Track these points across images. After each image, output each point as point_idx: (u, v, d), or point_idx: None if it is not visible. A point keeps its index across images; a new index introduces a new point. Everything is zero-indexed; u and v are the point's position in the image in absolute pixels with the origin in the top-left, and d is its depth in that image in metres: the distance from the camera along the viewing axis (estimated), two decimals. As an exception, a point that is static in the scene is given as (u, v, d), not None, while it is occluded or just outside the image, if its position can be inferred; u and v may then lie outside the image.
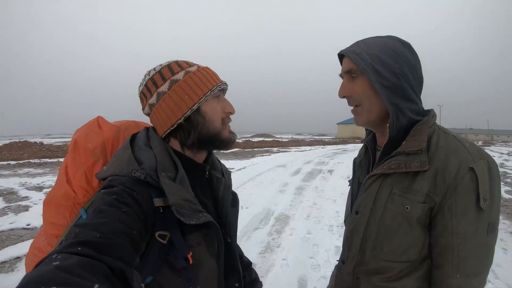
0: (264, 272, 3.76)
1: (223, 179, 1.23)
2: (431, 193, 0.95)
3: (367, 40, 1.10)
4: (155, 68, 1.08)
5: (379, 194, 1.06)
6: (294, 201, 7.38)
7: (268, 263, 4.02)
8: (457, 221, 0.92)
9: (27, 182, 10.27)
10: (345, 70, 1.10)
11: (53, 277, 0.55)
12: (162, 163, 0.98)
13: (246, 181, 9.97)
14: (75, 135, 1.12)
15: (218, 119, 1.08)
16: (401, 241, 1.01)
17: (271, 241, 4.81)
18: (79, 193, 1.04)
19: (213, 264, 1.02)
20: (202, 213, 0.95)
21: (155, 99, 1.05)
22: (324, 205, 6.92)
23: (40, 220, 6.09)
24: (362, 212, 1.10)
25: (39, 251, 1.11)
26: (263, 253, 4.35)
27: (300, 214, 6.30)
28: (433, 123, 1.07)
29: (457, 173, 0.92)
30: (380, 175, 1.07)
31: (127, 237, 0.78)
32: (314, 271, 3.74)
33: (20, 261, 4.29)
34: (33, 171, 13.14)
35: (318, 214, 6.27)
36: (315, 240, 4.80)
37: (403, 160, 1.01)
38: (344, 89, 1.12)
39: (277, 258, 4.17)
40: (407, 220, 0.99)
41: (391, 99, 1.02)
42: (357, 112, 1.12)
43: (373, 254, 1.07)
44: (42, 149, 21.29)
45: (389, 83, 1.01)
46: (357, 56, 1.04)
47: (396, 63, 1.03)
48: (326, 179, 10.51)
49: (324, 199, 7.50)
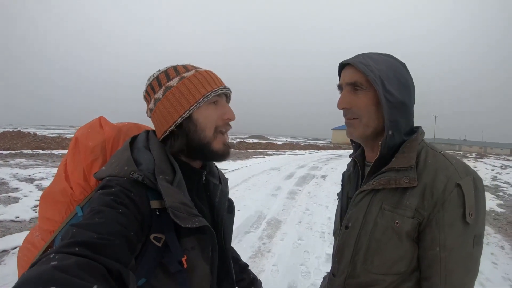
0: (254, 277, 3.72)
1: (220, 185, 1.24)
2: (419, 208, 0.98)
3: (370, 54, 1.11)
4: (154, 74, 1.09)
5: (370, 209, 1.08)
6: (286, 206, 7.38)
7: (258, 268, 3.99)
8: (445, 234, 0.96)
9: (18, 173, 10.17)
10: (349, 81, 1.09)
11: (52, 277, 0.55)
12: (160, 165, 0.98)
13: (239, 183, 9.96)
14: (77, 133, 1.12)
15: (210, 127, 1.06)
16: (391, 254, 1.03)
17: (262, 246, 4.80)
18: (76, 190, 1.04)
19: (206, 269, 1.02)
20: (198, 217, 0.95)
21: (152, 104, 1.07)
22: (317, 211, 6.92)
23: (29, 213, 6.05)
24: (353, 226, 1.12)
25: (32, 246, 1.10)
26: (254, 258, 4.34)
27: (292, 219, 6.29)
28: (421, 140, 1.10)
29: (444, 189, 0.96)
30: (370, 191, 1.10)
31: (124, 238, 0.78)
32: (304, 278, 3.72)
33: (7, 254, 4.20)
34: (25, 162, 13.03)
35: (310, 220, 6.26)
36: (306, 246, 4.79)
37: (393, 176, 1.04)
38: (344, 101, 1.11)
39: (268, 263, 4.15)
40: (397, 234, 1.01)
41: (392, 116, 1.03)
42: (353, 125, 1.12)
43: (364, 267, 1.08)
44: (36, 140, 21.10)
45: (394, 99, 1.03)
46: (367, 68, 1.04)
47: (400, 81, 1.06)
48: (319, 184, 10.53)
49: (317, 205, 7.51)
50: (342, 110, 1.14)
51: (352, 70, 1.09)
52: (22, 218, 5.83)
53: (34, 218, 5.85)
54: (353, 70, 1.09)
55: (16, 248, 4.31)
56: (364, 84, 1.06)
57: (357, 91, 1.08)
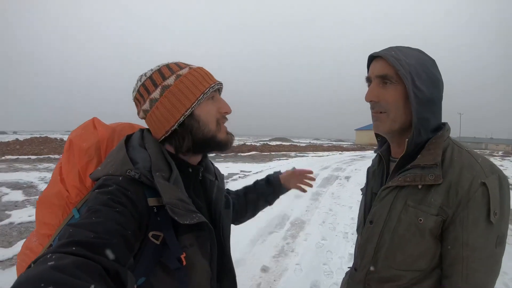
0: (277, 276, 3.81)
1: (217, 181, 1.23)
2: (444, 206, 0.98)
3: (401, 48, 1.09)
4: (146, 74, 1.07)
5: (394, 205, 1.08)
6: (310, 207, 7.38)
7: (281, 267, 4.06)
8: (468, 233, 0.95)
9: (46, 177, 10.58)
10: (379, 74, 1.08)
11: (49, 277, 0.55)
12: (156, 163, 0.97)
13: (263, 184, 9.98)
14: (70, 135, 1.11)
15: (212, 122, 1.07)
16: (413, 251, 1.04)
17: (285, 246, 4.85)
18: (72, 192, 1.03)
19: (205, 266, 1.03)
20: (195, 213, 0.95)
21: (148, 105, 1.05)
22: (340, 212, 6.90)
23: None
24: (377, 222, 1.13)
25: (30, 251, 1.10)
26: (277, 257, 4.40)
27: (315, 219, 6.31)
28: (447, 136, 1.08)
29: (469, 187, 0.95)
30: (395, 187, 1.09)
31: (122, 238, 0.78)
32: (327, 278, 3.76)
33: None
34: (52, 166, 13.52)
35: (334, 220, 6.26)
36: (329, 246, 4.81)
37: (418, 173, 1.03)
38: (372, 93, 1.10)
39: (291, 262, 4.20)
40: (420, 231, 1.02)
41: (420, 113, 1.03)
42: (380, 119, 1.11)
43: (386, 263, 1.09)
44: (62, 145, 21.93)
45: (424, 95, 1.02)
46: (398, 62, 1.03)
47: (430, 78, 1.04)
48: (342, 185, 10.45)
49: (340, 206, 7.48)
50: (370, 103, 1.13)
51: (382, 62, 1.07)
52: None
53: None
54: (383, 63, 1.07)
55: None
56: (394, 77, 1.05)
57: (386, 84, 1.07)
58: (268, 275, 3.84)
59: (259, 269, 3.99)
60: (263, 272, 3.91)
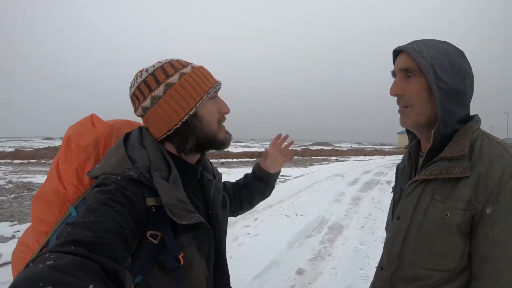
0: (312, 279, 3.81)
1: (214, 181, 1.23)
2: (472, 200, 0.93)
3: (426, 41, 1.08)
4: (148, 70, 1.05)
5: (421, 200, 1.05)
6: (349, 211, 7.29)
7: (317, 271, 4.05)
8: (499, 230, 0.90)
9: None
10: (402, 67, 1.07)
11: (48, 277, 0.55)
12: (155, 162, 0.97)
13: (302, 188, 10.00)
14: (68, 132, 1.10)
15: (214, 121, 1.08)
16: (440, 248, 0.99)
17: (322, 249, 4.83)
18: (69, 190, 1.02)
19: (203, 265, 1.02)
20: (194, 214, 0.94)
21: (149, 102, 1.03)
22: (380, 217, 6.75)
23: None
24: (403, 218, 1.09)
25: (26, 248, 1.09)
26: (313, 260, 4.40)
27: (354, 224, 6.23)
28: (477, 128, 1.04)
29: (500, 179, 0.90)
30: (422, 181, 1.06)
31: (120, 237, 0.78)
32: (362, 282, 3.71)
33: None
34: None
35: (373, 225, 6.15)
36: (367, 251, 4.74)
37: (444, 166, 0.99)
38: (396, 87, 1.09)
39: (327, 266, 4.19)
40: (446, 226, 0.97)
41: (445, 104, 1.00)
42: (405, 113, 1.10)
43: (412, 260, 1.06)
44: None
45: (447, 86, 0.99)
46: (418, 54, 1.02)
47: (455, 68, 1.01)
48: (384, 190, 10.21)
49: (380, 210, 7.32)
50: (395, 96, 1.12)
51: (405, 56, 1.07)
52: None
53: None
54: (406, 56, 1.06)
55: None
56: (416, 70, 1.03)
57: (410, 77, 1.06)
58: (303, 278, 3.85)
59: (294, 271, 4.01)
60: (298, 275, 3.93)
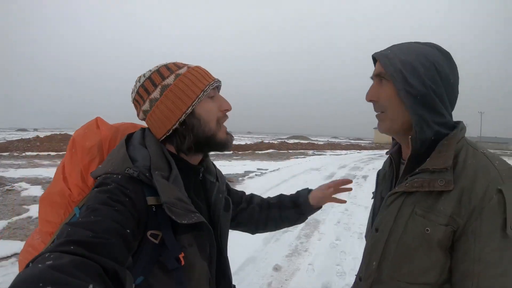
0: (289, 276, 3.79)
1: (217, 183, 1.22)
2: (455, 215, 0.89)
3: (404, 45, 1.05)
4: (145, 74, 1.07)
5: (401, 213, 1.01)
6: (325, 206, 7.26)
7: (293, 267, 4.04)
8: (481, 247, 0.86)
9: (66, 173, 10.73)
10: (375, 73, 1.06)
11: (48, 277, 0.55)
12: (156, 162, 0.97)
13: (279, 182, 9.98)
14: (74, 135, 1.11)
15: (213, 120, 1.07)
16: (420, 263, 0.96)
17: (299, 245, 4.83)
18: (74, 191, 1.03)
19: (204, 267, 1.01)
20: (194, 213, 0.94)
21: (148, 105, 1.05)
22: (356, 212, 6.83)
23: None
24: (382, 230, 1.05)
25: (32, 249, 1.09)
26: (290, 256, 4.38)
27: (330, 219, 6.26)
28: (461, 137, 0.99)
29: (484, 194, 0.86)
30: (402, 193, 1.02)
31: (120, 237, 0.78)
32: (339, 279, 3.71)
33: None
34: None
35: (349, 220, 6.20)
36: (343, 247, 4.76)
37: (427, 178, 0.95)
38: (371, 92, 1.08)
39: (304, 262, 4.18)
40: (427, 242, 0.93)
41: (416, 110, 0.97)
42: (381, 119, 1.08)
43: (391, 274, 1.02)
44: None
45: (417, 92, 0.96)
46: (388, 61, 1.00)
47: (428, 72, 0.96)
48: (359, 184, 10.35)
49: (356, 206, 7.40)
50: (371, 103, 1.10)
51: (379, 62, 1.05)
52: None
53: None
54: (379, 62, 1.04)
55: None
56: (387, 75, 1.01)
57: (382, 82, 1.04)
58: (280, 274, 3.82)
59: (271, 268, 3.98)
60: (275, 271, 3.89)
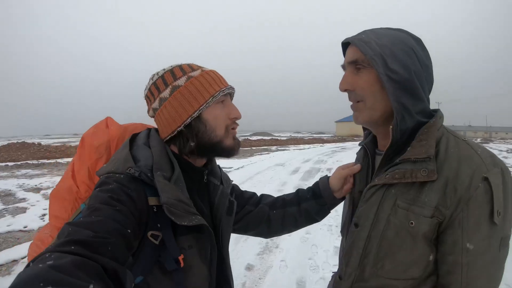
0: (263, 274, 3.75)
1: (221, 186, 1.21)
2: (440, 206, 0.87)
3: (376, 30, 1.00)
4: (158, 73, 1.07)
5: (382, 206, 0.97)
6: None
7: (266, 265, 4.00)
8: (469, 237, 0.84)
9: (24, 184, 10.22)
10: (350, 60, 0.99)
11: (48, 277, 0.55)
12: (158, 162, 0.97)
13: (244, 180, 9.95)
14: (84, 134, 1.14)
15: (221, 127, 1.06)
16: (404, 258, 0.93)
17: (269, 242, 4.78)
18: (81, 188, 1.06)
19: (204, 270, 1.01)
20: (195, 216, 0.94)
21: (157, 103, 1.06)
22: (323, 205, 6.87)
23: (37, 222, 6.12)
24: (363, 225, 1.01)
25: (41, 243, 1.12)
26: (261, 254, 4.34)
27: (299, 213, 6.25)
28: (440, 125, 0.97)
29: (470, 183, 0.84)
30: (383, 185, 0.98)
31: (121, 237, 0.78)
32: (313, 273, 3.71)
33: (17, 264, 4.26)
34: (31, 172, 13.08)
35: (317, 213, 6.22)
36: (314, 240, 4.78)
37: (408, 169, 0.91)
38: (346, 81, 1.01)
39: (276, 259, 4.15)
40: (411, 235, 0.91)
41: (398, 97, 0.92)
42: (358, 109, 1.02)
43: (374, 271, 0.98)
44: (40, 150, 21.25)
45: (399, 77, 0.91)
46: (366, 45, 0.93)
47: (409, 57, 0.93)
48: (325, 178, 10.44)
49: (323, 198, 7.44)
50: (346, 92, 1.04)
51: (353, 48, 0.99)
52: (30, 227, 5.87)
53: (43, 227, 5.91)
54: (354, 48, 0.98)
55: (25, 258, 4.35)
56: (365, 61, 0.96)
57: (359, 70, 0.98)
58: (253, 274, 3.77)
59: (243, 267, 3.92)
60: (247, 271, 3.84)
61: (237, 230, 1.37)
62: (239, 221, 1.35)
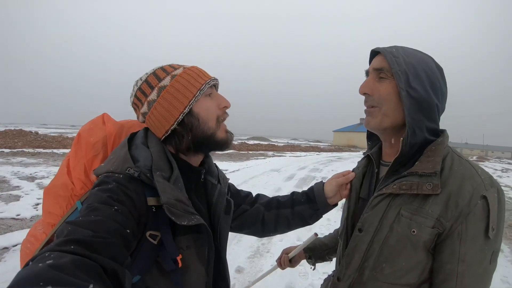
0: (252, 277, 3.77)
1: (219, 185, 1.22)
2: (441, 218, 0.93)
3: (406, 48, 1.07)
4: (142, 78, 1.08)
5: (386, 214, 1.03)
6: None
7: (256, 268, 4.03)
8: (466, 248, 0.92)
9: (19, 172, 10.21)
10: (376, 67, 1.06)
11: (48, 277, 0.55)
12: (157, 162, 0.98)
13: (239, 183, 9.93)
14: (80, 130, 1.13)
15: (212, 118, 1.08)
16: (403, 264, 0.99)
17: (260, 246, 4.82)
18: (77, 185, 1.06)
19: (202, 270, 1.02)
20: (194, 215, 0.94)
21: (146, 107, 1.06)
22: (316, 213, 6.87)
23: (30, 211, 6.08)
24: (367, 230, 1.06)
25: (35, 239, 1.11)
26: (252, 258, 4.37)
27: (291, 220, 6.26)
28: (446, 144, 1.05)
29: (470, 199, 0.91)
30: (389, 194, 1.04)
31: (120, 236, 0.78)
32: (302, 279, 3.75)
33: (8, 251, 4.25)
34: (26, 160, 13.06)
35: (309, 221, 6.23)
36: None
37: (415, 181, 0.98)
38: (367, 85, 1.08)
39: (266, 263, 4.17)
40: (412, 243, 0.97)
41: (413, 112, 0.99)
42: (371, 114, 1.08)
43: (372, 275, 1.04)
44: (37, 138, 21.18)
45: (418, 95, 0.98)
46: (394, 58, 1.01)
47: (429, 79, 1.01)
48: (319, 186, 10.44)
49: (316, 207, 7.45)
50: (364, 95, 1.10)
51: (382, 57, 1.05)
52: (23, 216, 5.87)
53: (35, 216, 5.91)
54: (382, 58, 1.05)
55: (17, 245, 4.36)
56: (389, 73, 1.02)
57: (382, 79, 1.05)
58: (243, 276, 3.81)
59: (233, 270, 3.95)
60: (237, 273, 3.88)
61: (232, 228, 1.39)
62: (234, 219, 1.38)
